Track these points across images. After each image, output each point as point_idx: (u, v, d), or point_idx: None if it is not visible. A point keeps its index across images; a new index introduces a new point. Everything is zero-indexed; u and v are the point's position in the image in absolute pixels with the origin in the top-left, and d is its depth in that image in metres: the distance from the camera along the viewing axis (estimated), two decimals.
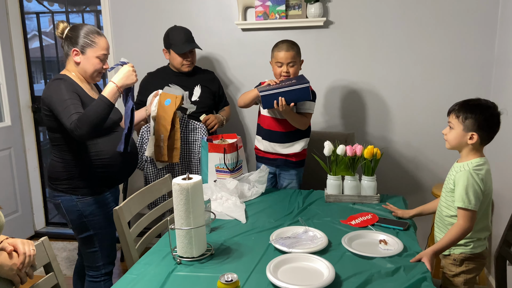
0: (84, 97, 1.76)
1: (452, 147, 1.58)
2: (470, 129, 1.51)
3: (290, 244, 1.50)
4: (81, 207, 1.80)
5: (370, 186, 1.98)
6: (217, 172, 2.17)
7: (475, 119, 1.50)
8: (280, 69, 2.11)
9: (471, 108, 1.51)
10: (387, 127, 2.66)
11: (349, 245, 1.50)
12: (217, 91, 2.50)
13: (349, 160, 1.99)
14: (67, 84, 1.72)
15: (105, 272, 1.89)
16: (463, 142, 1.54)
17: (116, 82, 1.69)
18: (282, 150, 2.24)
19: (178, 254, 1.46)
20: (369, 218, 1.76)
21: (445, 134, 1.59)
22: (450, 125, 1.57)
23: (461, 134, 1.53)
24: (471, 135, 1.52)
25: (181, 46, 2.32)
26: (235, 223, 1.78)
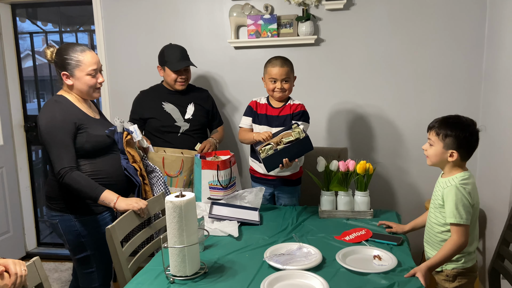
0: (82, 119, 1.78)
1: (433, 164, 1.60)
2: (450, 147, 1.53)
3: (284, 261, 1.50)
4: (79, 227, 1.79)
5: (363, 201, 1.99)
6: (210, 189, 2.16)
7: (455, 137, 1.51)
8: (274, 85, 2.13)
9: (451, 126, 1.53)
10: (379, 142, 2.68)
11: (344, 261, 1.50)
12: (210, 110, 2.51)
13: (342, 176, 2.00)
14: (62, 111, 1.74)
15: None
16: (444, 159, 1.56)
17: (117, 201, 1.73)
18: (280, 173, 2.24)
19: (171, 273, 1.44)
20: (363, 234, 1.76)
21: (425, 150, 1.60)
22: (430, 142, 1.59)
23: (441, 151, 1.55)
24: (451, 153, 1.53)
25: (176, 63, 2.33)
26: (228, 240, 1.77)
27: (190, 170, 2.27)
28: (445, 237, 1.57)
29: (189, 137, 2.39)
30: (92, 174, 1.78)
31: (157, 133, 2.38)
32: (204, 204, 2.11)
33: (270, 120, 2.19)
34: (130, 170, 1.89)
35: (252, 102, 2.25)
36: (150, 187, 2.01)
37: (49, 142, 1.69)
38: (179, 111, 2.39)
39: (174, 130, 2.37)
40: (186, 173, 2.27)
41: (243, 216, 1.96)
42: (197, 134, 2.42)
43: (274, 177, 2.24)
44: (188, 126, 2.38)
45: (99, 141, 1.80)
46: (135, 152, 1.94)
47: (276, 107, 2.19)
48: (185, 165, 2.24)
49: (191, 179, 2.27)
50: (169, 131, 2.36)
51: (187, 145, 2.37)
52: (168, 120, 2.36)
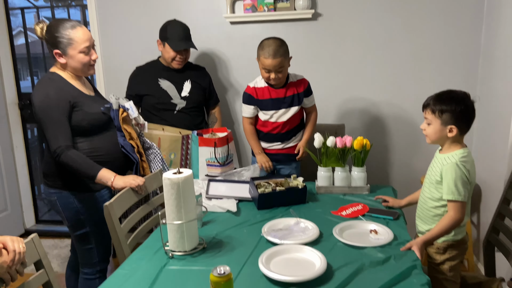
0: (77, 97, 1.75)
1: (433, 142, 1.59)
2: (448, 122, 1.52)
3: (282, 236, 1.51)
4: (77, 204, 1.79)
5: (360, 177, 2.00)
6: (208, 167, 2.17)
7: (451, 112, 1.50)
8: (268, 75, 2.06)
9: (446, 102, 1.52)
10: (376, 118, 2.67)
11: (340, 236, 1.51)
12: (207, 87, 2.47)
13: (339, 152, 2.00)
14: (56, 89, 1.71)
15: (100, 269, 1.88)
16: (443, 135, 1.55)
17: (115, 179, 1.72)
18: (282, 146, 2.25)
19: (170, 248, 1.45)
20: (360, 209, 1.77)
21: (424, 130, 1.60)
22: (427, 121, 1.58)
23: (439, 128, 1.54)
24: (450, 128, 1.53)
25: (177, 42, 2.27)
26: (226, 216, 1.78)
27: (169, 149, 2.23)
28: (438, 211, 1.58)
29: (186, 115, 2.37)
30: (89, 152, 1.77)
31: (153, 110, 2.35)
32: (202, 181, 2.11)
33: (277, 103, 2.16)
34: (127, 148, 1.88)
35: (249, 89, 2.17)
36: (147, 164, 2.01)
37: (44, 121, 1.67)
38: (175, 88, 2.35)
39: (170, 107, 2.34)
40: (166, 152, 2.24)
41: (241, 194, 1.97)
42: (194, 112, 2.40)
43: (275, 151, 2.23)
44: (185, 104, 2.35)
45: (95, 118, 1.78)
46: (131, 129, 1.93)
47: (278, 87, 2.15)
48: (163, 143, 2.20)
49: (172, 159, 2.24)
50: (165, 108, 2.34)
51: (183, 123, 2.35)
52: (164, 97, 2.33)
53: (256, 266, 1.31)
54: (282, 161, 2.26)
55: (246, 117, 2.19)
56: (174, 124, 2.34)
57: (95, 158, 1.77)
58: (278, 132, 2.23)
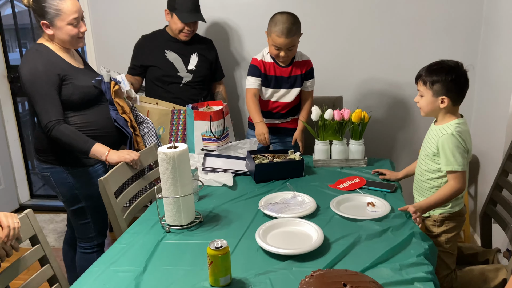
0: (66, 70, 1.71)
1: (427, 114, 1.59)
2: (440, 93, 1.51)
3: (278, 209, 1.52)
4: (71, 179, 1.78)
5: (358, 150, 2.00)
6: (203, 141, 2.16)
7: (442, 82, 1.50)
8: (277, 52, 2.01)
9: (436, 72, 1.51)
10: (375, 90, 2.65)
11: (337, 209, 1.52)
12: (214, 61, 2.42)
13: (336, 125, 1.99)
14: (44, 61, 1.67)
15: (97, 243, 1.90)
16: (436, 107, 1.55)
17: (109, 154, 1.71)
18: (279, 122, 2.24)
19: (166, 222, 1.46)
20: (357, 182, 1.78)
21: (417, 102, 1.59)
22: (420, 93, 1.57)
23: (431, 100, 1.54)
24: (442, 99, 1.52)
25: (186, 14, 2.19)
26: (223, 190, 1.78)
27: (158, 122, 2.17)
28: (435, 183, 1.60)
29: (191, 89, 2.33)
30: (81, 126, 1.75)
31: (159, 82, 2.31)
32: (198, 155, 2.11)
33: (280, 81, 2.14)
34: (120, 122, 1.86)
35: (256, 61, 2.12)
36: (141, 138, 1.99)
37: (34, 95, 1.64)
38: (182, 61, 2.30)
39: (176, 80, 2.30)
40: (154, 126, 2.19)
41: (237, 167, 1.97)
42: (199, 86, 2.36)
43: (272, 125, 2.22)
44: (191, 78, 2.31)
45: (86, 92, 1.76)
46: (124, 103, 1.91)
47: (284, 65, 2.12)
48: (152, 117, 2.16)
49: (160, 133, 2.20)
50: (171, 81, 2.30)
51: (188, 96, 2.31)
52: (170, 69, 2.29)
53: (253, 240, 1.33)
54: (276, 135, 2.26)
55: (251, 88, 2.12)
56: (180, 97, 2.30)
57: (88, 133, 1.75)
58: (278, 111, 2.22)
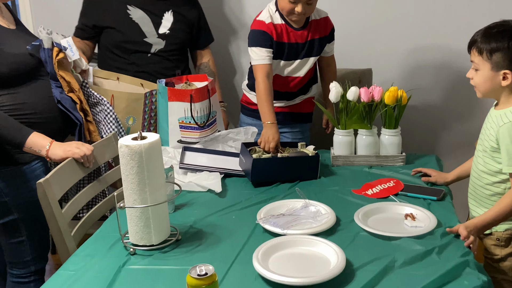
0: None
1: (485, 95, 1.59)
2: (501, 66, 1.51)
3: (284, 223, 1.52)
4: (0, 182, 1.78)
5: (393, 143, 2.00)
6: (181, 129, 2.16)
7: (504, 51, 1.49)
8: (292, 6, 2.00)
9: (496, 37, 1.50)
10: (415, 62, 2.65)
11: (365, 223, 1.53)
12: (195, 22, 2.42)
13: (364, 108, 2.00)
14: None
15: (35, 269, 1.90)
16: (496, 85, 1.54)
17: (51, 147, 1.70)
18: (284, 104, 2.25)
19: (131, 241, 1.46)
20: (391, 186, 1.79)
21: (471, 79, 1.59)
22: (474, 66, 1.57)
23: (490, 75, 1.53)
24: (504, 74, 1.52)
25: None
26: (208, 197, 1.79)
27: (126, 111, 2.17)
28: (497, 189, 1.60)
29: (163, 60, 2.34)
30: (13, 109, 1.75)
31: (118, 50, 2.32)
32: (173, 150, 2.11)
33: (294, 51, 2.13)
34: (66, 103, 1.86)
35: (263, 24, 2.07)
36: (95, 126, 1.99)
37: None
38: (151, 22, 2.31)
39: (143, 48, 2.31)
40: (121, 115, 2.16)
41: (227, 166, 1.97)
42: (175, 56, 2.37)
43: (277, 110, 2.21)
44: (163, 45, 2.32)
45: (19, 61, 1.75)
46: (71, 77, 1.90)
47: (298, 27, 2.12)
48: (118, 102, 2.17)
49: (130, 126, 2.22)
50: (135, 49, 2.31)
51: (159, 71, 2.32)
52: (135, 33, 2.29)
53: (249, 265, 1.33)
54: (281, 122, 2.26)
55: (262, 65, 2.06)
56: (147, 72, 2.30)
57: (21, 118, 1.74)
58: (288, 90, 2.23)
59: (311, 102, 2.29)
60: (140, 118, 2.20)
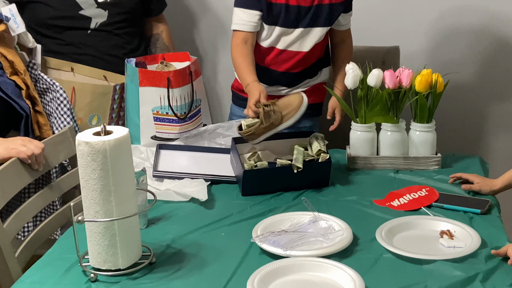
0: None
1: None
2: None
3: (287, 242, 1.52)
4: None
5: (426, 141, 2.01)
6: (156, 122, 2.16)
7: None
8: None
9: None
10: (455, 38, 2.67)
11: (389, 242, 1.53)
12: None
13: (389, 96, 2.00)
14: None
15: None
16: None
17: None
18: (288, 91, 2.27)
19: (91, 265, 1.46)
20: (423, 196, 1.79)
21: None
22: None
23: None
24: None
25: None
26: (190, 209, 1.79)
27: (90, 108, 2.19)
28: None
29: (110, 36, 2.36)
30: None
31: (48, 30, 2.32)
32: (146, 149, 2.11)
33: (296, 16, 2.14)
34: (8, 89, 1.86)
35: None
36: (45, 117, 1.99)
37: None
38: None
39: (80, 24, 2.32)
40: (83, 114, 2.21)
41: (215, 169, 1.97)
42: (124, 29, 2.38)
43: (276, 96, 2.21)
44: (106, 17, 2.33)
45: None
46: (15, 56, 1.90)
47: None
48: (80, 97, 2.18)
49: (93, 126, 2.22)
50: (70, 26, 2.31)
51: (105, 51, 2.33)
52: (66, 5, 2.30)
53: None
54: None
55: (240, 32, 2.12)
56: (89, 53, 2.31)
57: None
58: (288, 70, 2.23)
59: (321, 90, 2.31)
60: (107, 118, 2.19)
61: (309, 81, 2.30)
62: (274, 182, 1.89)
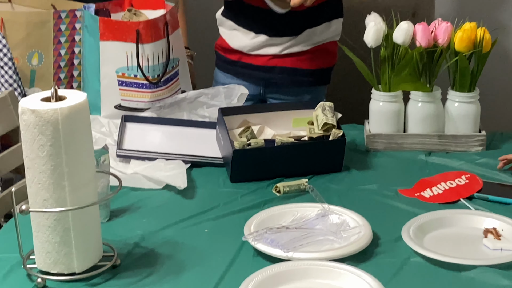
0: None
1: None
2: None
3: (289, 242, 1.53)
4: None
5: (467, 114, 2.03)
6: (122, 87, 2.16)
7: None
8: None
9: None
10: None
11: (419, 242, 1.54)
12: None
13: (421, 57, 2.01)
14: None
15: None
16: None
17: None
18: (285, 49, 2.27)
19: (38, 267, 1.47)
20: (463, 184, 1.81)
21: None
22: None
23: None
24: None
25: None
26: (165, 198, 1.81)
27: (28, 43, 2.19)
28: None
29: None
30: None
31: None
32: (109, 121, 2.12)
33: None
34: None
35: None
36: None
37: None
38: None
39: None
40: (19, 52, 2.21)
41: (196, 150, 1.98)
42: None
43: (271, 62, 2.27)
44: None
45: None
46: None
47: None
48: (11, 29, 2.16)
49: (34, 67, 2.21)
50: None
51: None
52: None
53: None
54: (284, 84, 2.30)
55: None
56: None
57: None
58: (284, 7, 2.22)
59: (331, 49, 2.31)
60: (50, 55, 2.19)
61: (314, 32, 2.30)
62: (272, 166, 1.90)
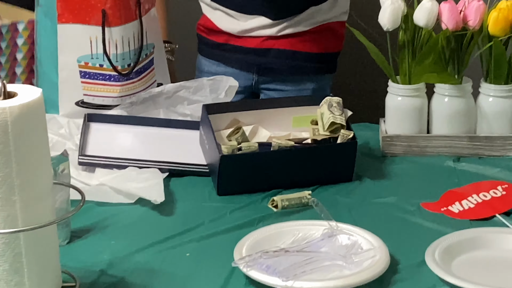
0: None
1: None
2: None
3: (288, 268, 1.53)
4: None
5: (504, 112, 2.03)
6: (84, 80, 2.17)
7: None
8: None
9: None
10: None
11: (447, 268, 1.54)
12: None
13: (448, 42, 2.01)
14: None
15: None
16: None
17: None
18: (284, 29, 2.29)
19: None
20: (499, 197, 1.81)
21: None
22: None
23: None
24: None
25: None
26: (138, 215, 1.82)
27: None
28: None
29: None
30: None
31: None
32: (69, 121, 2.12)
33: None
34: None
35: None
36: None
37: None
38: None
39: None
40: None
41: (176, 156, 1.98)
42: None
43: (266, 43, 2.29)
44: None
45: None
46: None
47: None
48: None
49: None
50: None
51: None
52: None
53: None
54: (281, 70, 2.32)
55: None
56: None
57: None
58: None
59: (337, 30, 2.32)
60: None
61: (317, 11, 2.32)
62: (267, 175, 1.90)
